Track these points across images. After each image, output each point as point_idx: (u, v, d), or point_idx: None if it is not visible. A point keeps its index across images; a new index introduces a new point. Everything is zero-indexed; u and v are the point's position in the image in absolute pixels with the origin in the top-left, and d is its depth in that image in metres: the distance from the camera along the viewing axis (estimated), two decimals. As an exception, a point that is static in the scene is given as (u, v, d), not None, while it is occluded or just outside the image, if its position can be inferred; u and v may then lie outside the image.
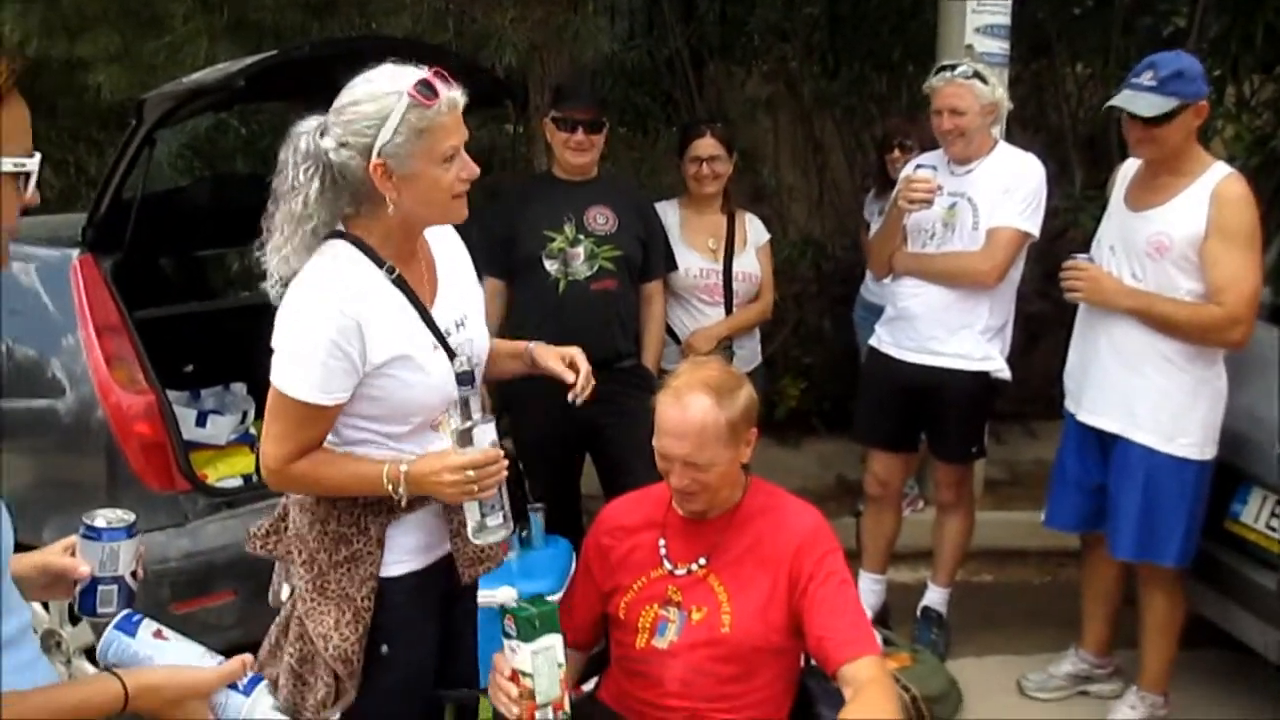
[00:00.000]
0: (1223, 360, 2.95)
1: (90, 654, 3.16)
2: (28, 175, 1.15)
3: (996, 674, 3.49)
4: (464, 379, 1.85)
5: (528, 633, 1.85)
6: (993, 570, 4.31)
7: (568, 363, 2.10)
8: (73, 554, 1.48)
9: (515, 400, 3.37)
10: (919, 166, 3.27)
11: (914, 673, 3.24)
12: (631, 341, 3.42)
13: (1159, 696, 3.13)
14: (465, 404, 1.85)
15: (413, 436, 1.92)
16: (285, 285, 1.83)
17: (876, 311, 3.68)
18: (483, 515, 1.90)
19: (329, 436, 1.89)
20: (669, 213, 3.69)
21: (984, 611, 3.95)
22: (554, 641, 1.87)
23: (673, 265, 3.58)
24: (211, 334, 3.98)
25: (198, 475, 3.26)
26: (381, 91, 1.77)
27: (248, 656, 1.36)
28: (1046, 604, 3.91)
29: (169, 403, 3.11)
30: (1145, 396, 2.92)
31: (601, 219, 3.34)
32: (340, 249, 1.84)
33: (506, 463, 1.88)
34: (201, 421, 3.56)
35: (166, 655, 1.35)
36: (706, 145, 3.58)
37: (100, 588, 1.49)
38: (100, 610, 1.49)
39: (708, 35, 5.76)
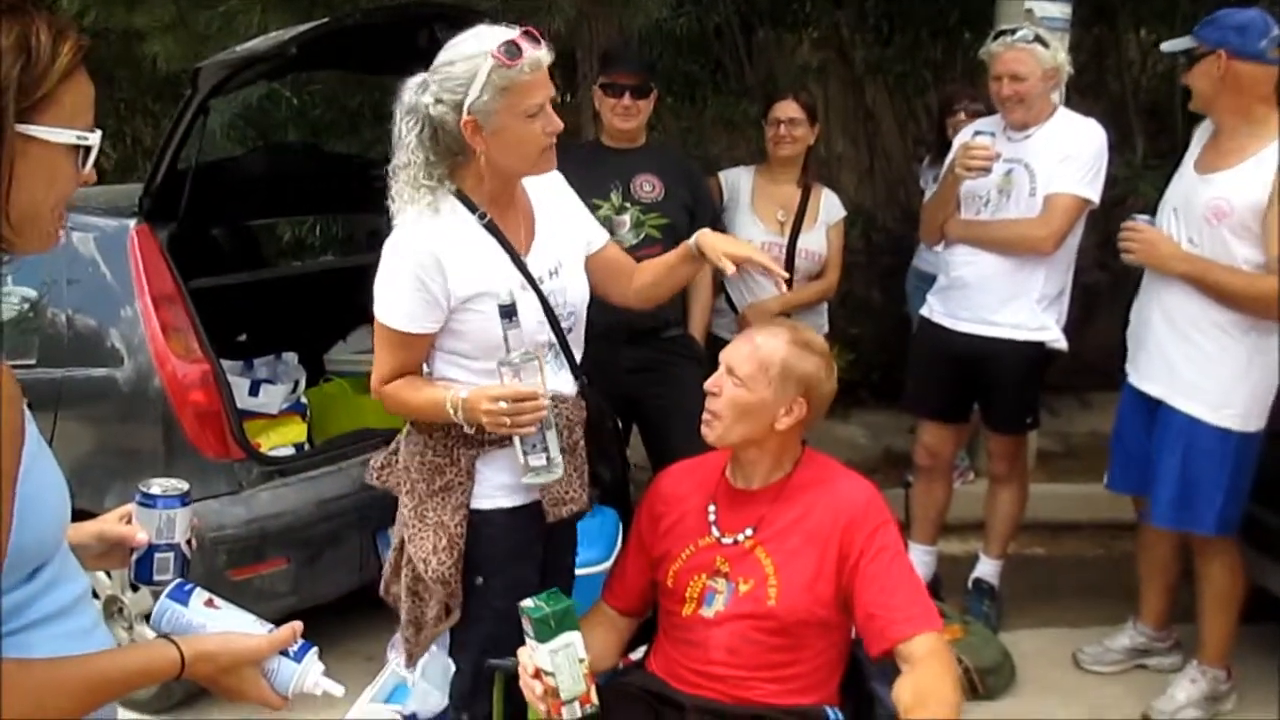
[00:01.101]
0: (1277, 331, 2.87)
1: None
2: (88, 150, 1.16)
3: (1050, 647, 3.45)
4: (506, 311, 1.93)
5: (544, 633, 1.87)
6: (1045, 543, 4.27)
7: (731, 257, 2.11)
8: (129, 522, 1.49)
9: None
10: (977, 133, 3.21)
11: (966, 644, 3.22)
12: (678, 310, 3.41)
13: (1221, 670, 3.08)
14: (506, 338, 1.94)
15: (493, 376, 2.00)
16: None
17: (930, 280, 3.63)
18: (525, 454, 1.98)
19: (430, 371, 2.11)
20: (743, 179, 3.68)
21: (1037, 584, 3.92)
22: (573, 639, 1.88)
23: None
24: (264, 303, 4.02)
25: (251, 444, 3.31)
26: (470, 52, 1.91)
27: (298, 624, 1.37)
28: (1101, 577, 3.86)
29: (223, 372, 3.15)
30: (1193, 364, 2.87)
31: (648, 187, 3.32)
32: (437, 196, 2.00)
33: (546, 403, 1.94)
34: (255, 390, 3.60)
35: (219, 623, 1.36)
36: (788, 108, 3.58)
37: (156, 555, 1.50)
38: (156, 577, 1.50)
39: (758, 2, 5.68)
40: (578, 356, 2.19)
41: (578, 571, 2.42)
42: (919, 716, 1.79)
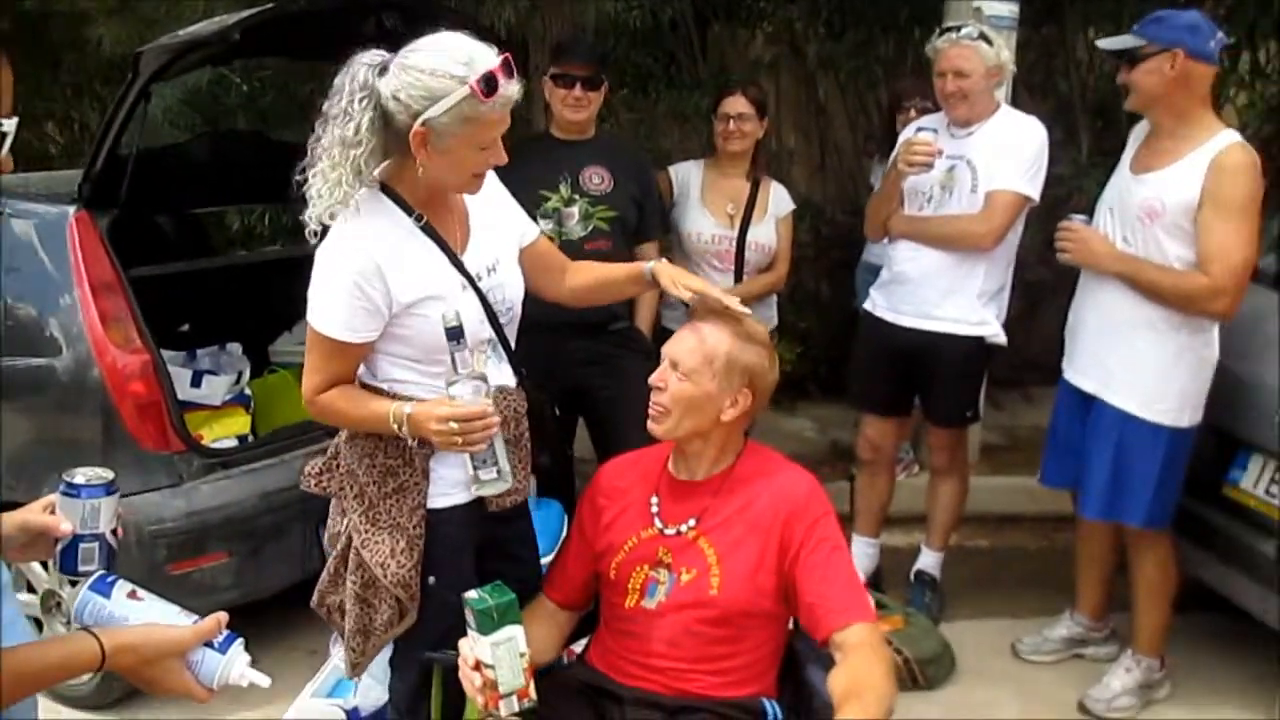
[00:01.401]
0: (1212, 329, 2.93)
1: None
2: (3, 137, 1.14)
3: (991, 637, 3.50)
4: (452, 333, 1.91)
5: (487, 625, 1.87)
6: (988, 535, 4.33)
7: (687, 288, 2.11)
8: (53, 512, 1.47)
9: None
10: (919, 129, 3.24)
11: (906, 635, 3.26)
12: (625, 303, 3.40)
13: (1154, 660, 3.14)
14: (453, 359, 1.92)
15: (441, 377, 1.99)
16: (330, 217, 1.89)
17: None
18: (475, 469, 1.98)
19: (374, 374, 2.04)
20: (693, 173, 3.69)
21: (979, 576, 3.97)
22: (515, 633, 1.89)
23: (666, 228, 3.57)
24: (209, 293, 3.97)
25: (193, 435, 3.27)
26: (446, 72, 1.82)
27: (223, 615, 1.36)
28: (1042, 569, 3.92)
29: (163, 362, 3.10)
30: (1125, 360, 2.92)
31: (597, 179, 3.32)
32: (371, 198, 1.93)
33: (496, 420, 1.93)
34: (197, 381, 3.55)
35: (142, 615, 1.35)
36: (736, 103, 3.58)
37: (81, 545, 1.48)
38: (81, 568, 1.48)
39: (713, -4, 5.69)
40: (513, 349, 2.18)
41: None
42: (852, 708, 1.80)
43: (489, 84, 1.81)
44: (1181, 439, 2.95)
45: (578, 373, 3.31)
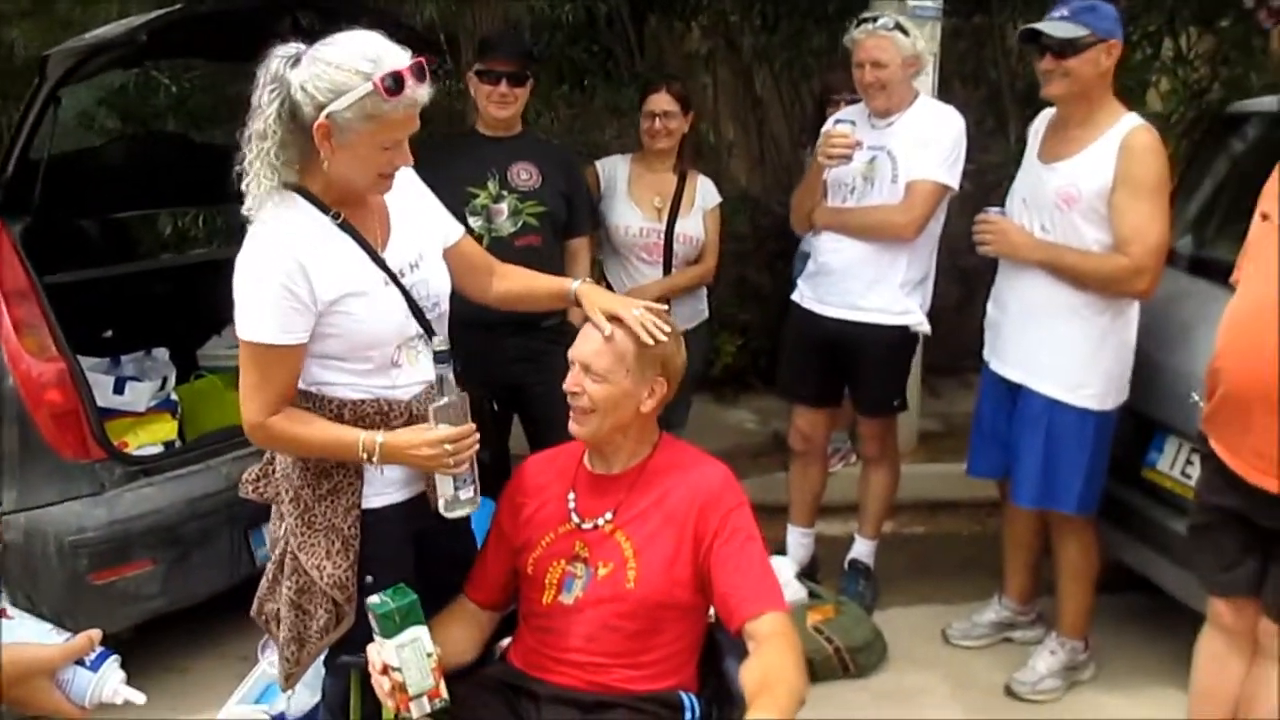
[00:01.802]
0: (1132, 312, 2.98)
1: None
2: None
3: (924, 623, 3.54)
4: (441, 357, 1.95)
5: (389, 629, 1.87)
6: (924, 522, 4.37)
7: (609, 315, 2.09)
8: None
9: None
10: (838, 121, 3.26)
11: (838, 624, 3.28)
12: None
13: (1078, 641, 3.19)
14: (441, 381, 1.96)
15: (375, 373, 2.01)
16: (257, 206, 1.89)
17: None
18: (456, 489, 2.01)
19: (304, 377, 1.99)
20: (620, 167, 3.68)
21: (914, 563, 4.01)
22: (419, 634, 1.89)
23: (597, 223, 3.57)
24: (134, 298, 3.91)
25: (117, 443, 3.23)
26: (353, 66, 1.82)
27: (95, 632, 1.34)
28: (976, 554, 3.96)
29: (81, 370, 3.06)
30: (1049, 347, 2.96)
31: (525, 175, 3.31)
32: (287, 200, 1.92)
33: (478, 436, 1.98)
34: (120, 388, 3.50)
35: (11, 633, 1.32)
36: (661, 100, 3.57)
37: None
38: None
39: (648, -11, 5.69)
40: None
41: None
42: (763, 703, 1.80)
43: (395, 83, 1.81)
44: (1107, 422, 3.00)
45: (512, 369, 3.31)
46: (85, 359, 3.35)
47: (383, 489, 2.07)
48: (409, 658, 1.88)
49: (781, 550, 3.72)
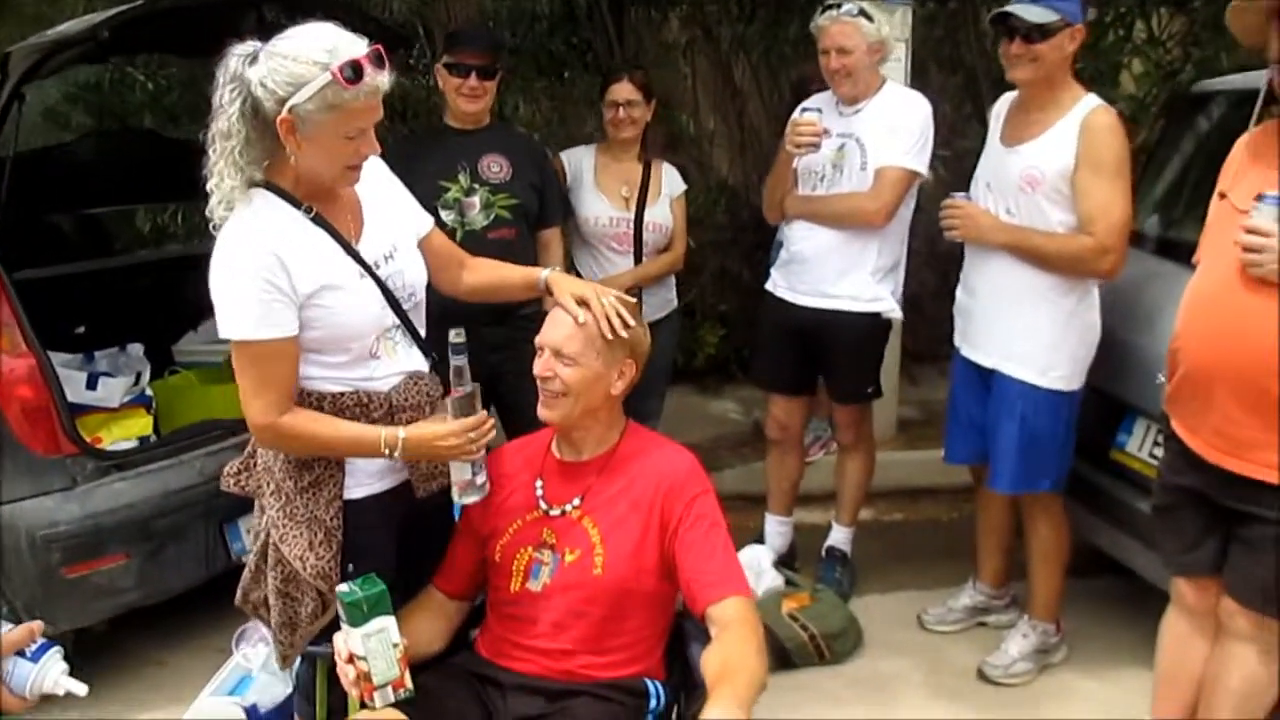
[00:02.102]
0: (1095, 294, 2.98)
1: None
2: None
3: (901, 609, 3.55)
4: (457, 349, 1.97)
5: (356, 618, 1.88)
6: (904, 509, 4.38)
7: (580, 301, 2.10)
8: None
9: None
10: (804, 110, 3.26)
11: (813, 611, 3.29)
12: None
13: (1050, 624, 3.20)
14: (459, 372, 1.98)
15: (354, 365, 2.02)
16: (225, 209, 1.89)
17: None
18: (473, 474, 2.05)
19: None
20: (585, 158, 3.67)
21: (893, 549, 4.02)
22: (386, 624, 1.90)
23: (569, 212, 3.56)
24: (109, 293, 3.91)
25: (91, 438, 3.23)
26: (311, 57, 1.82)
27: (36, 624, 1.34)
28: (954, 540, 3.96)
29: (51, 365, 3.05)
30: (1020, 331, 2.97)
31: (496, 167, 3.30)
32: (257, 196, 1.92)
33: (493, 422, 2.03)
34: (92, 384, 3.50)
35: None
36: (623, 90, 3.56)
37: None
38: None
39: (627, -21, 5.68)
40: (422, 335, 2.18)
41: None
42: (723, 692, 1.80)
43: (353, 71, 1.81)
44: (1074, 402, 3.02)
45: (490, 359, 3.30)
46: (58, 355, 3.36)
47: (363, 480, 2.09)
48: (375, 647, 1.89)
49: (761, 539, 3.73)
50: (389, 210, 2.13)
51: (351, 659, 1.90)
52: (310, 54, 1.82)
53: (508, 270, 2.36)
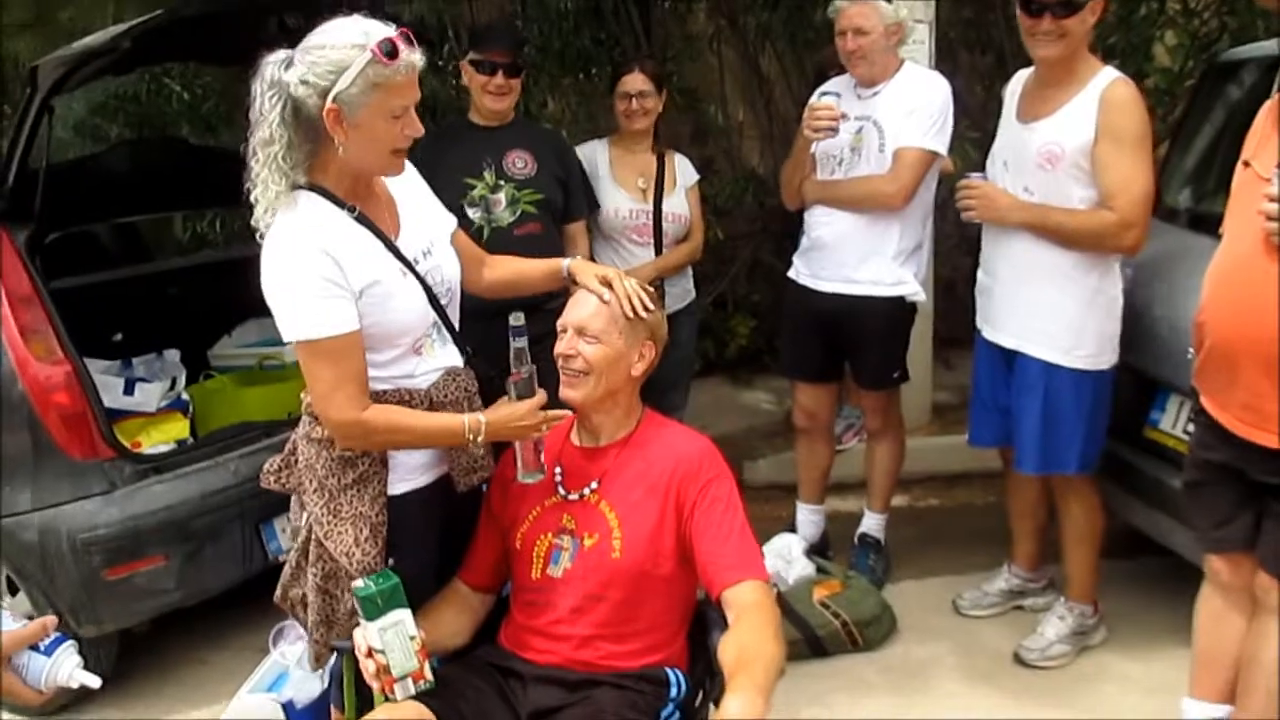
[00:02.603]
0: (1117, 270, 2.94)
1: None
2: None
3: (936, 595, 3.52)
4: (518, 331, 2.01)
5: (372, 611, 1.90)
6: (939, 494, 4.34)
7: (603, 282, 2.15)
8: None
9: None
10: (822, 94, 3.24)
11: (844, 598, 3.27)
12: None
13: (1087, 605, 3.16)
14: (519, 354, 2.03)
15: (398, 362, 2.04)
16: (269, 217, 1.92)
17: None
18: (538, 452, 2.09)
19: None
20: (599, 152, 3.67)
21: (928, 535, 3.99)
22: (402, 617, 1.92)
23: (594, 205, 3.56)
24: (145, 300, 3.98)
25: (130, 443, 3.29)
26: (347, 42, 1.87)
27: (50, 619, 1.38)
28: (989, 524, 3.90)
29: (88, 372, 3.12)
30: (1041, 311, 2.93)
31: (521, 163, 3.31)
32: (303, 199, 1.95)
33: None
34: (130, 389, 3.56)
35: None
36: (635, 81, 3.56)
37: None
38: None
39: (651, -26, 5.67)
40: (457, 330, 2.21)
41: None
42: (740, 681, 1.80)
43: (390, 47, 1.85)
44: (1104, 381, 2.97)
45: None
46: (96, 362, 3.43)
47: (406, 475, 2.11)
48: (392, 640, 1.91)
49: (794, 528, 3.71)
50: (422, 207, 2.18)
51: (370, 653, 1.93)
52: (346, 39, 1.87)
53: (528, 263, 2.40)
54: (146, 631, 3.36)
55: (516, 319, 2.02)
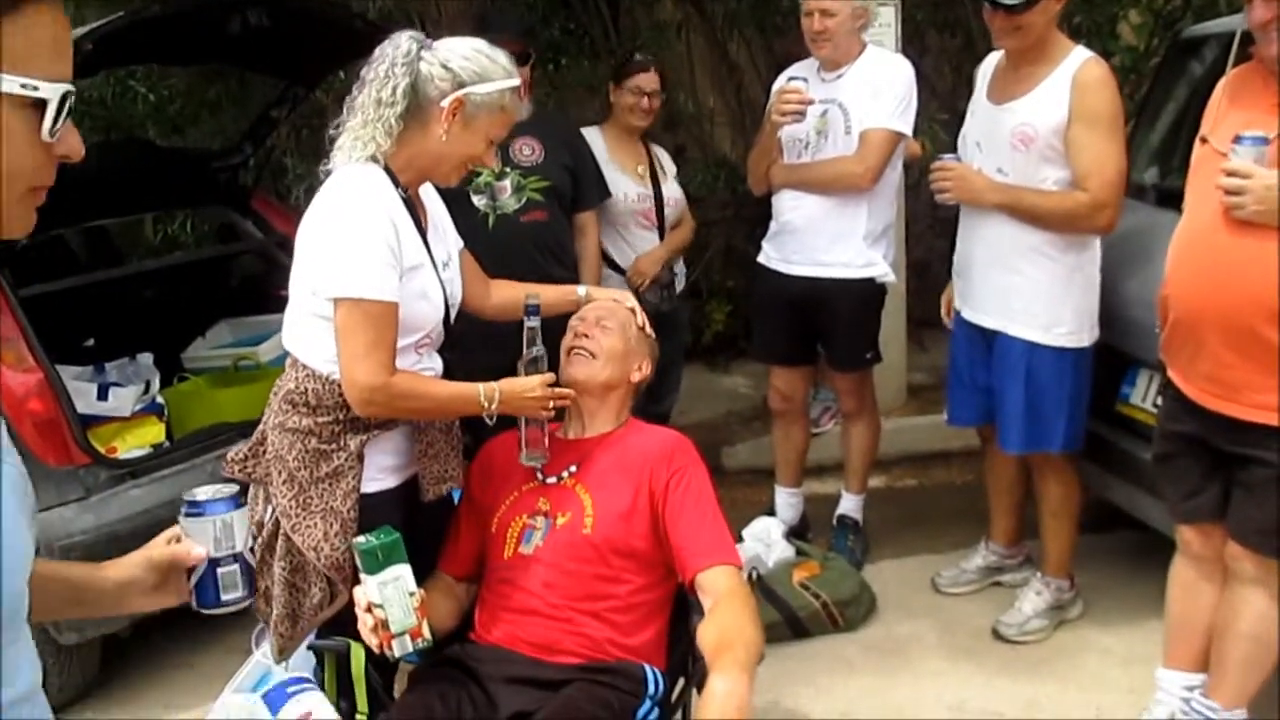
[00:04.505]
0: (1095, 247, 2.96)
1: None
2: (44, 107, 0.91)
3: (914, 574, 3.55)
4: (532, 310, 2.12)
5: (372, 565, 1.90)
6: (916, 474, 4.37)
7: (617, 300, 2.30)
8: (179, 542, 1.38)
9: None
10: (791, 79, 3.25)
11: (824, 579, 3.29)
12: (570, 271, 3.33)
13: (1064, 580, 3.19)
14: (532, 334, 2.12)
15: (402, 355, 2.05)
16: (357, 157, 2.02)
17: None
18: (542, 434, 2.14)
19: (324, 356, 2.05)
20: (595, 139, 3.65)
21: (906, 515, 4.02)
22: (401, 572, 1.91)
23: (605, 194, 3.51)
24: (116, 304, 3.95)
25: (105, 448, 3.27)
26: (501, 63, 2.04)
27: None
28: (966, 503, 3.95)
29: (60, 378, 3.09)
30: (1019, 290, 2.95)
31: (528, 150, 3.25)
32: (366, 168, 2.03)
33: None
34: (103, 394, 3.53)
35: None
36: (650, 79, 3.58)
37: (219, 571, 1.38)
38: (224, 597, 1.39)
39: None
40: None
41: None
42: (724, 662, 1.84)
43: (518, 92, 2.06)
44: (1084, 359, 3.00)
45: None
46: (68, 368, 3.40)
47: (376, 474, 2.12)
48: (391, 595, 1.90)
49: (773, 511, 3.74)
50: (444, 223, 2.26)
51: (370, 608, 1.92)
52: (500, 59, 2.04)
53: (539, 286, 2.43)
54: (129, 636, 3.34)
55: (532, 298, 2.13)
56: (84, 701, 3.23)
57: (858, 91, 3.21)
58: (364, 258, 1.95)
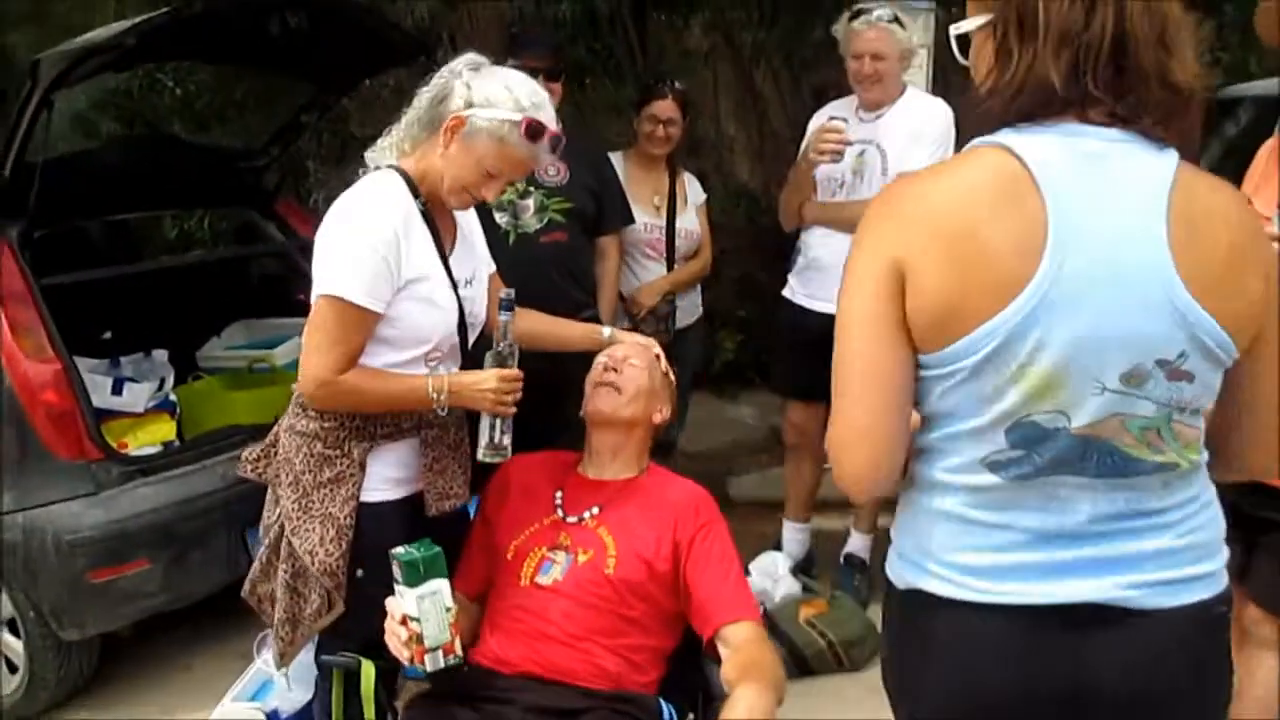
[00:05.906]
0: None
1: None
2: None
3: (921, 615, 3.52)
4: (506, 304, 2.10)
5: (412, 577, 1.89)
6: (924, 515, 4.33)
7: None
8: None
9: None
10: (831, 118, 3.25)
11: (831, 618, 3.28)
12: (588, 295, 3.32)
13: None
14: (504, 328, 2.10)
15: (409, 367, 2.07)
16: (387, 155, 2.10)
17: None
18: (502, 433, 2.12)
19: None
20: (617, 165, 3.64)
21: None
22: (440, 586, 1.91)
23: (629, 219, 3.50)
24: (134, 299, 3.94)
25: (117, 444, 3.26)
26: (517, 96, 2.00)
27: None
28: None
29: (77, 370, 3.09)
30: None
31: (553, 170, 3.19)
32: (387, 175, 2.06)
33: (521, 382, 2.11)
34: (118, 389, 3.52)
35: None
36: (666, 108, 3.58)
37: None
38: None
39: (649, -13, 5.69)
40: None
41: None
42: (749, 683, 1.88)
43: (535, 131, 1.99)
44: None
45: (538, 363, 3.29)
46: (84, 360, 3.39)
47: (379, 485, 2.11)
48: (428, 609, 1.90)
49: (779, 545, 3.72)
50: (476, 240, 2.26)
51: (405, 621, 1.91)
52: (521, 93, 2.00)
53: (562, 323, 2.47)
54: (129, 635, 3.32)
55: (506, 293, 2.11)
56: (82, 701, 3.20)
57: (897, 134, 3.21)
58: (354, 262, 1.96)
